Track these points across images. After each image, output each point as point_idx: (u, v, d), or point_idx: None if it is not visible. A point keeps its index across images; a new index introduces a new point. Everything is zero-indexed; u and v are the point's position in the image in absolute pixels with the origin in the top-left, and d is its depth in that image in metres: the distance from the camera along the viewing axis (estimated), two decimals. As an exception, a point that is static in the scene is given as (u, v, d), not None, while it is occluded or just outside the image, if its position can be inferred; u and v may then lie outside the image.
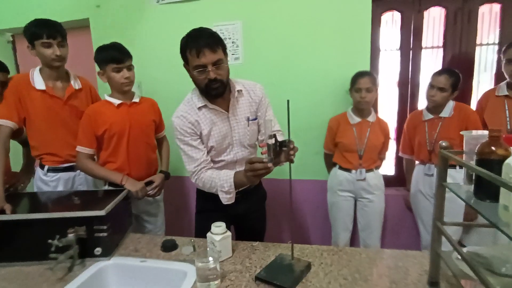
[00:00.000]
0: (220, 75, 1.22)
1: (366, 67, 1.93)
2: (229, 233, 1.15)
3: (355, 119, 1.86)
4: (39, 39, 1.50)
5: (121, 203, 1.35)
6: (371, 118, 1.86)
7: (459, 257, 0.76)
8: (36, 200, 1.46)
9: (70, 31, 2.21)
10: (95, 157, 1.67)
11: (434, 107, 1.80)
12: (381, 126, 1.88)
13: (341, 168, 1.90)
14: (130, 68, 1.58)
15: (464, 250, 0.89)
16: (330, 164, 2.01)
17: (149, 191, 1.63)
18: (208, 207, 1.43)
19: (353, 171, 1.85)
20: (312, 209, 2.22)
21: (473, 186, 0.76)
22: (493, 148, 0.70)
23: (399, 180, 2.20)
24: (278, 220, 2.26)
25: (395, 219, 2.15)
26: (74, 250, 1.11)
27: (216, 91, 1.23)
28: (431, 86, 1.76)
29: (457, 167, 1.69)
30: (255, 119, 1.38)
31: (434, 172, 1.80)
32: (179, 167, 2.34)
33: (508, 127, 1.67)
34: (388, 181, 2.07)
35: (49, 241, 1.07)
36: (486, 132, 0.75)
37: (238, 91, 1.33)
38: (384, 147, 1.93)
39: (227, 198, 1.27)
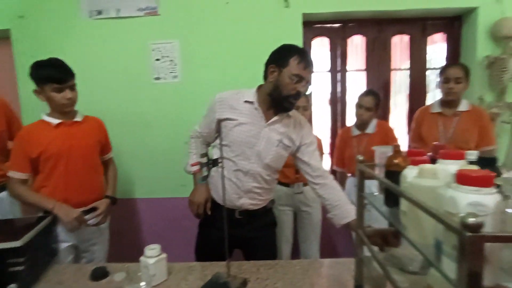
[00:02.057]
0: (303, 94, 1.29)
1: (300, 87, 2.07)
2: (164, 255, 1.12)
3: (291, 135, 1.96)
4: None
5: (43, 232, 1.23)
6: (305, 134, 1.98)
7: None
8: None
9: (-14, 42, 2.01)
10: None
11: (361, 124, 1.99)
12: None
13: (279, 183, 1.97)
14: (72, 87, 1.45)
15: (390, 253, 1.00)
16: (269, 179, 2.07)
17: (91, 219, 1.49)
18: (213, 224, 1.38)
19: (291, 185, 1.94)
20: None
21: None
22: (395, 160, 0.81)
23: (334, 192, 2.35)
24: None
25: (332, 229, 2.27)
26: (-19, 290, 0.98)
27: (290, 105, 1.28)
28: (359, 106, 1.94)
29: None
30: (289, 146, 1.35)
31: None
32: (129, 189, 2.22)
33: (442, 141, 1.83)
34: (324, 193, 2.20)
35: None
36: (391, 147, 0.86)
37: (287, 114, 1.34)
38: (319, 161, 2.05)
39: (189, 168, 1.37)
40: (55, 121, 1.45)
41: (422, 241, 0.60)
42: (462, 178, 0.47)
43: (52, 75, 1.39)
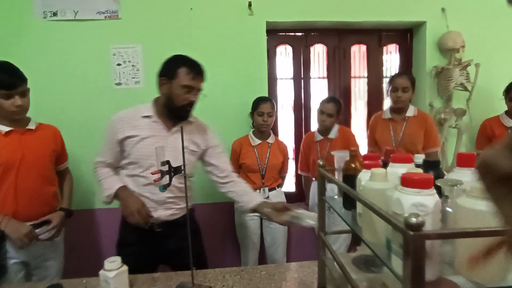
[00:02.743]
0: (196, 101, 1.35)
1: (264, 93, 2.11)
2: (125, 268, 1.07)
3: (256, 141, 1.98)
4: None
5: (-12, 249, 1.13)
6: (270, 140, 2.01)
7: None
8: None
9: None
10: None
11: (324, 130, 2.06)
12: (280, 146, 2.05)
13: (246, 188, 1.98)
14: (24, 93, 1.35)
15: (352, 254, 1.03)
16: (235, 185, 2.08)
17: (43, 233, 1.39)
18: (132, 240, 1.36)
19: (257, 190, 1.95)
20: (220, 231, 2.23)
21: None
22: (352, 165, 0.85)
23: (299, 196, 2.41)
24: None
25: (298, 233, 2.32)
26: None
27: (186, 113, 1.34)
28: (321, 112, 2.01)
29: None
30: (195, 151, 1.41)
31: (328, 187, 2.02)
32: (87, 199, 2.10)
33: (394, 144, 1.96)
34: (290, 197, 2.24)
35: None
36: (348, 152, 0.90)
37: (189, 121, 1.39)
38: (284, 166, 2.10)
39: (103, 198, 1.32)
40: (4, 128, 1.35)
41: (376, 241, 0.63)
42: (406, 181, 0.51)
43: (1, 80, 1.28)
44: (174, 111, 1.33)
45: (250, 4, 2.03)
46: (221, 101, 2.11)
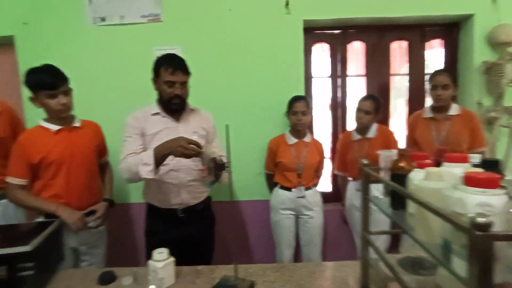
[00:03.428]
0: (183, 94, 1.47)
1: (301, 92, 2.10)
2: (172, 259, 1.13)
3: (292, 140, 1.99)
4: None
5: (50, 237, 1.23)
6: (307, 139, 2.00)
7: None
8: None
9: (-9, 49, 2.02)
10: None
11: (362, 129, 2.01)
12: (316, 146, 2.04)
13: (282, 187, 1.99)
14: (66, 93, 1.46)
15: (397, 256, 1.01)
16: (271, 184, 2.10)
17: (91, 221, 1.51)
18: (157, 228, 1.54)
19: (293, 189, 1.96)
20: (256, 228, 2.26)
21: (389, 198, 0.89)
22: (401, 164, 0.83)
23: (335, 196, 2.38)
24: (226, 242, 2.25)
25: (333, 233, 2.29)
26: (-8, 294, 0.99)
27: (176, 106, 1.47)
28: (359, 110, 1.97)
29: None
30: (204, 135, 1.56)
31: None
32: (123, 194, 2.23)
33: (437, 145, 1.87)
34: (325, 197, 2.22)
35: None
36: (396, 151, 0.89)
37: (191, 109, 1.57)
38: (320, 165, 2.08)
39: (146, 171, 1.33)
40: (54, 127, 1.47)
41: (430, 241, 0.62)
42: (470, 180, 0.50)
43: (44, 81, 1.40)
44: (166, 105, 1.48)
45: (287, 3, 2.04)
46: (258, 101, 2.14)
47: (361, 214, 1.01)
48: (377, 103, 1.95)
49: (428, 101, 2.31)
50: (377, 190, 1.36)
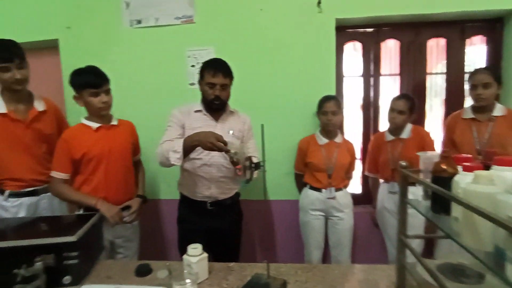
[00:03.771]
0: (223, 96, 1.56)
1: (332, 92, 2.07)
2: (205, 255, 1.16)
3: (323, 140, 1.96)
4: None
5: (92, 228, 1.31)
6: (338, 139, 1.97)
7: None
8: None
9: (38, 51, 2.16)
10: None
11: (395, 129, 1.95)
12: (348, 146, 2.00)
13: (311, 187, 1.98)
14: (107, 92, 1.56)
15: (435, 261, 0.98)
16: (301, 184, 2.08)
17: (126, 216, 1.59)
18: (188, 217, 1.66)
19: (323, 190, 1.93)
20: (285, 228, 2.26)
21: (430, 201, 0.86)
22: (444, 166, 0.80)
23: (366, 198, 2.32)
24: (253, 240, 2.27)
25: (363, 235, 2.24)
26: (41, 280, 1.06)
27: (216, 106, 1.57)
28: (392, 109, 1.91)
29: (417, 184, 1.84)
30: (239, 136, 1.63)
31: (398, 190, 1.92)
32: (154, 191, 2.31)
33: (478, 147, 1.79)
34: (356, 199, 2.17)
35: (15, 271, 1.01)
36: (437, 153, 0.85)
37: (230, 111, 1.67)
38: (351, 166, 2.04)
39: (174, 158, 1.40)
40: (95, 124, 1.56)
41: (478, 248, 0.59)
42: (529, 185, 0.47)
43: (89, 80, 1.50)
44: (208, 105, 1.59)
45: (319, 2, 2.01)
46: (288, 100, 2.13)
47: (396, 217, 0.98)
48: (411, 103, 1.88)
49: (468, 101, 2.20)
50: (411, 193, 1.31)
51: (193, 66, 2.20)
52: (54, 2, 2.26)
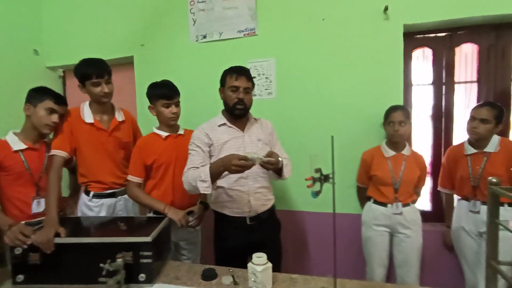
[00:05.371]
0: (246, 99, 1.55)
1: (399, 101, 1.96)
2: (270, 264, 1.16)
3: (389, 152, 1.86)
4: (89, 80, 1.63)
5: (163, 230, 1.39)
6: (406, 151, 1.85)
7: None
8: (85, 225, 1.54)
9: (116, 67, 2.40)
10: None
11: (477, 141, 1.76)
12: (417, 159, 1.87)
13: (376, 202, 1.88)
14: (177, 104, 1.71)
15: None
16: (363, 198, 1.99)
17: (191, 221, 1.68)
18: (226, 235, 1.60)
19: (389, 205, 1.82)
20: (344, 243, 2.17)
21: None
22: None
23: (436, 215, 2.13)
24: (309, 253, 2.22)
25: (432, 256, 2.05)
26: (121, 275, 1.15)
27: (239, 111, 1.55)
28: (473, 118, 1.74)
29: (505, 205, 1.64)
30: (267, 143, 1.64)
31: (480, 209, 1.73)
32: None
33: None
34: (426, 216, 2.01)
35: (101, 265, 1.11)
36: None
37: (254, 119, 1.67)
38: (421, 181, 1.90)
39: (203, 187, 1.39)
40: (164, 133, 1.71)
41: None
42: None
43: (163, 93, 1.66)
44: (231, 112, 1.57)
45: (386, 8, 1.93)
46: (353, 111, 2.06)
47: (487, 240, 0.88)
48: (497, 111, 1.69)
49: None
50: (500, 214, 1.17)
51: (254, 77, 2.24)
52: (130, 23, 2.51)
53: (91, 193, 1.74)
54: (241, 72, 1.55)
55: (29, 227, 1.30)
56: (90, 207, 1.74)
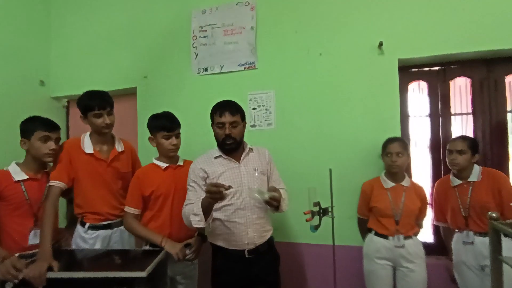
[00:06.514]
0: (234, 134, 1.55)
1: (397, 133, 1.99)
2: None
3: (389, 183, 1.85)
4: (91, 111, 1.66)
5: (159, 265, 1.36)
6: (405, 183, 1.85)
7: None
8: (79, 258, 1.51)
9: (118, 97, 2.46)
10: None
11: (460, 172, 1.81)
12: (417, 190, 1.86)
13: (377, 234, 1.84)
14: (178, 135, 1.73)
15: None
16: (364, 229, 1.96)
17: (188, 254, 1.64)
18: (223, 268, 1.56)
19: (390, 237, 1.79)
20: (345, 276, 2.10)
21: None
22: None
23: (439, 248, 2.08)
24: (295, 286, 2.15)
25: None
26: (114, 312, 1.11)
27: (229, 146, 1.56)
28: (450, 151, 1.82)
29: (502, 236, 1.61)
30: (264, 172, 1.63)
31: (474, 240, 1.73)
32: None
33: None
34: (429, 249, 1.96)
35: (93, 301, 1.08)
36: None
37: (249, 149, 1.66)
38: (422, 212, 1.87)
39: (195, 221, 1.41)
40: (163, 164, 1.71)
41: None
42: None
43: (164, 124, 1.68)
44: (221, 147, 1.60)
45: (381, 44, 2.01)
46: (351, 143, 2.08)
47: (492, 277, 0.86)
48: (470, 142, 1.77)
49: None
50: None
51: (254, 108, 2.30)
52: (134, 55, 2.61)
53: (87, 225, 1.71)
54: (225, 108, 1.56)
55: (22, 260, 1.27)
56: (85, 239, 1.71)
